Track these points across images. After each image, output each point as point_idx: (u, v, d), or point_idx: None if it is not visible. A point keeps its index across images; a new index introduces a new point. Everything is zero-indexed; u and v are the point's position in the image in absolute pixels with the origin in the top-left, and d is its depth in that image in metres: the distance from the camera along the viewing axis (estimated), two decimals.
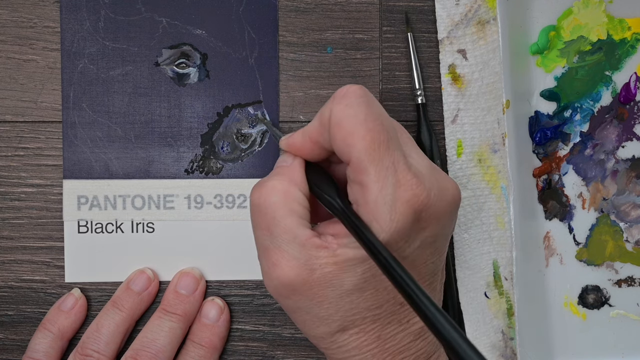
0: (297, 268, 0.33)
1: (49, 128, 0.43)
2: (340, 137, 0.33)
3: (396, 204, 0.32)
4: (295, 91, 0.43)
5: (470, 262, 0.43)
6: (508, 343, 0.43)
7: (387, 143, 0.33)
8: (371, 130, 0.33)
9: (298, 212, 0.34)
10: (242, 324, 0.43)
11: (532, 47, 0.43)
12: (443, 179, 0.35)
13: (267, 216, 0.34)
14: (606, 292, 0.44)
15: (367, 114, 0.33)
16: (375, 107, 0.34)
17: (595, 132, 0.44)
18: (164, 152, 0.43)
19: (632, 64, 0.44)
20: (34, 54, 0.42)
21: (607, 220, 0.44)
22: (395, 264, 0.31)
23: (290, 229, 0.34)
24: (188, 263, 0.43)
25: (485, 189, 0.43)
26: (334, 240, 0.33)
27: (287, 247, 0.33)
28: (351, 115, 0.33)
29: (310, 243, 0.33)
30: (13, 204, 0.43)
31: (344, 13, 0.43)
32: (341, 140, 0.33)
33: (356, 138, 0.33)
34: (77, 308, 0.42)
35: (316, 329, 0.35)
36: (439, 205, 0.34)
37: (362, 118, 0.33)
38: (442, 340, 0.29)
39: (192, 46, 0.43)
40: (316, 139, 0.35)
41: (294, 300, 0.34)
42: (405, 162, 0.33)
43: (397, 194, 0.32)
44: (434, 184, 0.34)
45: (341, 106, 0.33)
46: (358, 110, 0.33)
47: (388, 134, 0.33)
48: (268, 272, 0.34)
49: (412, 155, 0.34)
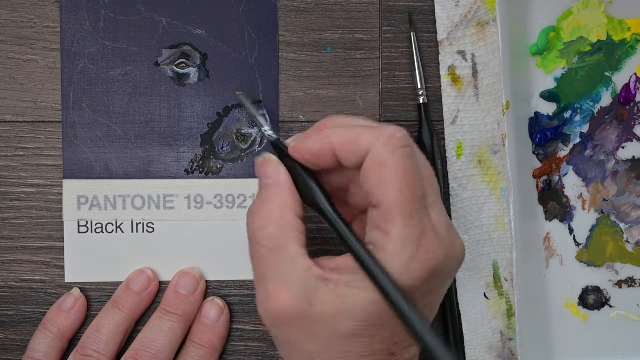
0: (295, 301, 0.32)
1: (49, 128, 0.43)
2: (376, 180, 0.33)
3: (414, 262, 0.32)
4: (295, 91, 0.44)
5: (470, 263, 0.43)
6: (506, 344, 0.43)
7: (420, 201, 0.33)
8: (411, 186, 0.32)
9: (297, 240, 0.33)
10: (242, 324, 0.44)
11: (532, 48, 0.43)
12: (455, 239, 0.35)
13: (264, 246, 0.33)
14: (606, 293, 0.44)
15: (411, 167, 0.33)
16: (418, 160, 0.33)
17: (595, 133, 0.44)
18: (164, 152, 0.43)
19: (632, 65, 0.44)
20: (34, 54, 0.43)
21: (608, 221, 0.44)
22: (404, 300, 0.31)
23: (289, 258, 0.33)
24: (188, 263, 0.43)
25: (486, 190, 0.43)
26: (336, 275, 0.33)
27: (285, 278, 0.33)
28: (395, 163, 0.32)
29: (310, 274, 0.33)
30: (13, 204, 0.43)
31: (344, 13, 0.43)
32: (376, 183, 0.33)
33: (392, 188, 0.32)
34: (77, 308, 0.42)
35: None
36: (449, 268, 0.34)
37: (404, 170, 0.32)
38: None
39: (192, 46, 0.43)
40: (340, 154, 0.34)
41: (286, 332, 0.33)
42: (431, 223, 0.33)
43: (417, 254, 0.32)
44: (450, 245, 0.34)
45: (387, 148, 0.33)
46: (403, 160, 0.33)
47: (423, 191, 0.33)
48: (264, 300, 0.33)
49: (436, 211, 0.34)
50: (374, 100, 0.44)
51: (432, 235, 0.33)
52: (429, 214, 0.33)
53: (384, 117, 0.44)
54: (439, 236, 0.33)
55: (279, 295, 0.33)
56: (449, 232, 0.34)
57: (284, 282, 0.33)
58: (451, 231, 0.35)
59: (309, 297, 0.32)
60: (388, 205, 0.32)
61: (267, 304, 0.33)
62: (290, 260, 0.33)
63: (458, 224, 0.43)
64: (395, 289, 0.31)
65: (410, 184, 0.32)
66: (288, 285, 0.32)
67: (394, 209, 0.32)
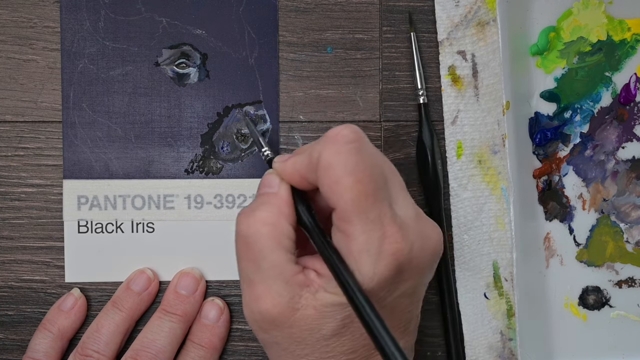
0: (281, 305, 0.33)
1: (49, 128, 0.43)
2: (327, 184, 0.33)
3: (380, 256, 0.32)
4: (295, 91, 0.44)
5: (470, 263, 0.44)
6: (506, 344, 0.43)
7: (374, 195, 0.33)
8: (359, 182, 0.32)
9: (286, 247, 0.34)
10: (242, 324, 0.44)
11: (532, 48, 0.43)
12: (427, 228, 0.35)
13: (254, 249, 0.34)
14: (606, 293, 0.44)
15: (356, 163, 0.33)
16: (366, 155, 0.33)
17: (595, 133, 0.44)
18: (164, 152, 0.43)
19: (632, 65, 0.44)
20: (34, 54, 0.43)
21: (608, 221, 0.44)
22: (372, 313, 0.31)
23: (277, 264, 0.33)
24: (188, 263, 0.43)
25: (485, 190, 0.43)
26: (317, 279, 0.34)
27: (272, 283, 0.33)
28: (339, 163, 0.33)
29: (295, 280, 0.33)
30: (13, 204, 0.43)
31: (344, 13, 0.44)
32: (328, 186, 0.33)
33: (343, 188, 0.32)
34: (77, 308, 0.42)
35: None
36: (421, 257, 0.34)
37: (350, 167, 0.33)
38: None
39: (192, 46, 0.43)
40: (304, 174, 0.35)
41: (271, 335, 0.34)
42: (392, 214, 0.33)
43: (381, 247, 0.32)
44: (418, 235, 0.34)
45: (331, 152, 0.33)
46: (348, 158, 0.33)
47: (376, 184, 0.33)
48: (250, 304, 0.34)
49: (399, 203, 0.34)
50: (374, 100, 0.44)
51: (395, 228, 0.33)
52: (389, 206, 0.33)
53: (384, 117, 0.44)
54: (403, 227, 0.33)
55: (265, 300, 0.33)
56: (417, 223, 0.34)
57: (270, 287, 0.33)
58: (421, 222, 0.35)
59: (294, 303, 0.33)
60: (343, 206, 0.33)
61: (253, 308, 0.34)
62: (278, 266, 0.33)
63: (458, 223, 0.44)
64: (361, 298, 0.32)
65: (359, 180, 0.32)
66: (274, 290, 0.33)
67: (348, 208, 0.32)
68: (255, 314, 0.34)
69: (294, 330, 0.34)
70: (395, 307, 0.35)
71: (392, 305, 0.35)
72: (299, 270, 0.34)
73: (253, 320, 0.34)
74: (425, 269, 0.35)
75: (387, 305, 0.34)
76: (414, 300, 0.36)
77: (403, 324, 0.36)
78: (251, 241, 0.34)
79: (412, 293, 0.35)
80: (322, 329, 0.33)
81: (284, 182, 0.36)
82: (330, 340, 0.34)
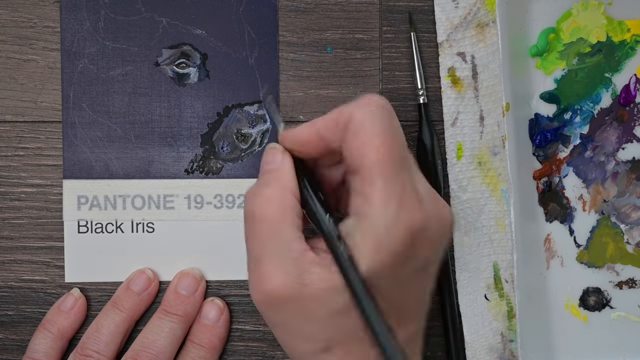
0: (290, 281, 0.33)
1: (49, 128, 0.43)
2: (355, 143, 0.33)
3: (396, 223, 0.32)
4: (295, 91, 0.44)
5: (471, 265, 0.44)
6: (507, 345, 0.44)
7: (400, 162, 0.33)
8: (388, 145, 0.33)
9: (294, 224, 0.34)
10: (242, 324, 0.44)
11: (531, 50, 0.43)
12: (442, 206, 0.35)
13: (262, 227, 0.34)
14: (607, 294, 0.45)
15: (387, 127, 0.33)
16: (395, 122, 0.34)
17: (595, 134, 0.44)
18: (164, 152, 0.43)
19: (631, 66, 0.44)
20: (34, 54, 0.43)
21: (608, 222, 0.44)
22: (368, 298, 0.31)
23: (285, 241, 0.33)
24: (188, 263, 0.44)
25: (486, 192, 0.44)
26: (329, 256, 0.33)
27: (280, 260, 0.33)
28: (372, 125, 0.33)
29: (305, 258, 0.33)
30: (13, 204, 0.43)
31: (344, 13, 0.44)
32: (356, 147, 0.33)
33: (372, 149, 0.32)
34: (77, 308, 0.42)
35: (300, 347, 0.35)
36: (435, 231, 0.34)
37: (381, 130, 0.33)
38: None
39: (192, 46, 0.43)
40: (325, 135, 0.34)
41: (280, 314, 0.34)
42: (413, 185, 0.33)
43: (398, 215, 0.32)
44: (434, 210, 0.34)
45: (364, 112, 0.33)
46: (380, 120, 0.33)
47: (402, 153, 0.33)
48: (258, 282, 0.34)
49: (418, 178, 0.34)
50: None
51: (413, 195, 0.33)
52: (410, 175, 0.33)
53: None
54: (420, 197, 0.33)
55: (273, 276, 0.33)
56: (432, 196, 0.34)
57: (279, 264, 0.33)
58: (436, 198, 0.35)
59: (303, 278, 0.33)
60: (368, 166, 0.33)
61: (261, 285, 0.33)
62: (287, 242, 0.33)
63: (458, 225, 0.44)
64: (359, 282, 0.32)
65: (388, 143, 0.33)
66: (283, 268, 0.33)
67: (373, 169, 0.32)
68: (262, 293, 0.33)
69: (304, 306, 0.33)
70: (408, 284, 0.34)
71: (406, 282, 0.34)
72: (308, 247, 0.34)
73: (262, 300, 0.34)
74: (438, 245, 0.35)
75: (400, 281, 0.34)
76: (427, 278, 0.35)
77: (417, 302, 0.36)
78: (258, 220, 0.34)
79: (425, 269, 0.35)
80: (332, 304, 0.33)
81: (286, 155, 0.36)
82: (342, 315, 0.33)
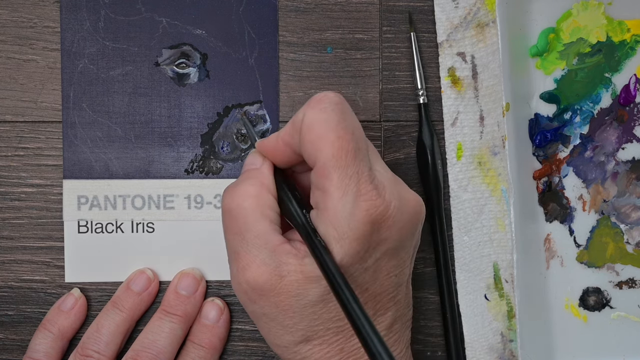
0: (267, 273, 0.34)
1: (49, 128, 0.43)
2: (309, 140, 0.34)
3: (355, 212, 0.33)
4: (295, 91, 0.44)
5: (471, 265, 0.44)
6: (507, 345, 0.44)
7: (354, 152, 0.34)
8: (340, 138, 0.34)
9: (270, 217, 0.35)
10: (242, 324, 0.44)
11: (531, 50, 0.44)
12: (405, 192, 0.36)
13: (238, 221, 0.35)
14: (607, 294, 0.45)
15: (339, 121, 0.34)
16: (348, 116, 0.35)
17: (595, 134, 0.44)
18: (164, 152, 0.44)
19: (631, 66, 0.44)
20: (34, 54, 0.43)
21: (608, 222, 0.45)
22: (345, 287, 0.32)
23: (262, 234, 0.35)
24: (188, 263, 0.44)
25: (486, 192, 0.44)
26: (302, 247, 0.35)
27: (257, 252, 0.35)
28: (323, 120, 0.34)
29: (281, 249, 0.34)
30: (13, 204, 0.43)
31: (344, 13, 0.44)
32: (310, 143, 0.34)
33: (324, 143, 0.34)
34: (77, 308, 0.43)
35: (280, 338, 0.36)
36: (400, 217, 0.35)
37: (333, 124, 0.34)
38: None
39: (192, 46, 0.44)
40: (288, 141, 0.36)
41: (260, 305, 0.35)
42: (369, 174, 0.34)
43: (356, 203, 0.33)
44: (395, 195, 0.35)
45: (315, 110, 0.35)
46: (331, 115, 0.34)
47: (357, 144, 0.34)
48: (237, 275, 0.35)
49: (377, 168, 0.35)
50: (374, 100, 0.44)
51: (370, 186, 0.34)
52: (367, 167, 0.34)
53: (384, 117, 0.44)
54: (379, 187, 0.34)
55: (251, 269, 0.34)
56: (394, 185, 0.35)
57: (256, 256, 0.34)
58: (399, 185, 0.36)
59: (280, 270, 0.34)
60: (323, 160, 0.34)
61: (240, 278, 0.35)
62: (264, 235, 0.35)
63: (458, 225, 0.44)
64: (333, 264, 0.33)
65: (340, 136, 0.34)
66: (260, 259, 0.34)
67: (328, 162, 0.34)
68: (242, 284, 0.35)
69: (281, 298, 0.34)
70: (378, 270, 0.35)
71: (375, 268, 0.35)
72: (284, 240, 0.35)
73: (241, 292, 0.35)
74: (405, 230, 0.36)
75: (369, 268, 0.35)
76: (398, 264, 0.36)
77: (391, 290, 0.36)
78: (235, 214, 0.35)
79: (394, 254, 0.36)
80: (308, 294, 0.34)
81: (266, 159, 0.37)
82: (317, 306, 0.35)
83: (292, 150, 0.36)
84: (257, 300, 0.35)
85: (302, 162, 0.37)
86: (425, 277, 0.45)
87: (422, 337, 0.45)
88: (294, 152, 0.36)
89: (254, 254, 0.35)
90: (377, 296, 0.36)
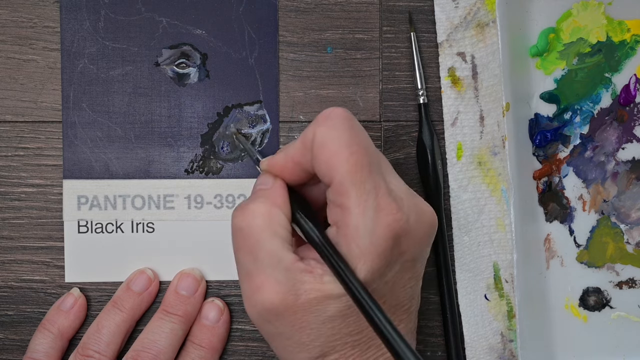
0: (282, 293, 0.34)
1: (49, 128, 0.44)
2: (323, 159, 0.34)
3: (376, 228, 0.33)
4: (295, 91, 0.44)
5: (471, 265, 0.44)
6: (507, 345, 0.44)
7: (369, 167, 0.34)
8: (354, 153, 0.34)
9: (281, 235, 0.35)
10: (242, 324, 0.44)
11: (531, 50, 0.44)
12: (421, 204, 0.36)
13: (250, 240, 0.35)
14: (607, 294, 0.45)
15: (350, 137, 0.34)
16: (358, 131, 0.35)
17: (595, 134, 0.44)
18: (164, 152, 0.44)
19: (631, 66, 0.44)
20: (34, 54, 0.43)
21: (608, 222, 0.45)
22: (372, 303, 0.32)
23: (275, 252, 0.34)
24: (188, 263, 0.44)
25: (486, 192, 0.44)
26: (318, 265, 0.34)
27: (271, 271, 0.34)
28: (335, 137, 0.34)
29: (295, 267, 0.34)
30: (13, 204, 0.43)
31: (344, 13, 0.44)
32: (324, 162, 0.34)
33: (339, 160, 0.34)
34: (77, 308, 0.43)
35: (296, 355, 0.35)
36: (418, 229, 0.35)
37: (345, 141, 0.34)
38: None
39: (192, 46, 0.44)
40: (298, 160, 0.36)
41: (275, 325, 0.35)
42: (386, 187, 0.34)
43: (377, 219, 0.33)
44: (412, 208, 0.35)
45: (325, 128, 0.34)
46: (342, 132, 0.34)
47: (370, 158, 0.34)
48: (251, 296, 0.34)
49: (392, 181, 0.35)
50: (374, 100, 0.45)
51: (389, 199, 0.34)
52: (383, 180, 0.34)
53: (384, 117, 0.45)
54: (398, 200, 0.34)
55: (266, 289, 0.34)
56: (411, 197, 0.35)
57: (270, 276, 0.34)
58: (414, 197, 0.36)
59: (296, 289, 0.34)
60: (339, 178, 0.34)
61: (255, 299, 0.34)
62: (276, 253, 0.34)
63: (458, 225, 0.44)
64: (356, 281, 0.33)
65: (354, 152, 0.34)
66: (274, 279, 0.34)
67: (345, 180, 0.34)
68: (257, 306, 0.34)
69: (298, 316, 0.34)
70: (396, 283, 0.35)
71: (394, 281, 0.35)
72: (297, 258, 0.35)
73: (255, 313, 0.35)
74: (423, 242, 0.36)
75: (389, 281, 0.35)
76: (414, 275, 0.36)
77: (406, 302, 0.37)
78: (246, 232, 0.35)
79: (411, 266, 0.36)
80: (327, 311, 0.34)
81: (277, 178, 0.37)
82: (336, 321, 0.34)
83: (301, 169, 0.36)
84: (272, 320, 0.35)
85: (310, 178, 0.37)
86: (425, 277, 0.44)
87: (422, 337, 0.45)
88: (303, 171, 0.36)
89: (268, 272, 0.34)
90: (392, 308, 0.36)
